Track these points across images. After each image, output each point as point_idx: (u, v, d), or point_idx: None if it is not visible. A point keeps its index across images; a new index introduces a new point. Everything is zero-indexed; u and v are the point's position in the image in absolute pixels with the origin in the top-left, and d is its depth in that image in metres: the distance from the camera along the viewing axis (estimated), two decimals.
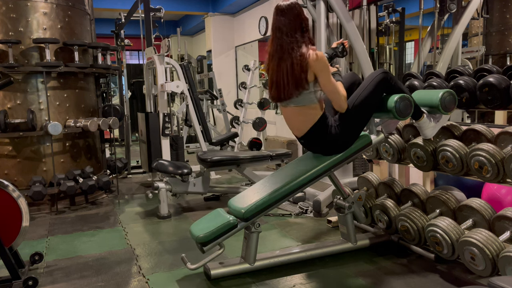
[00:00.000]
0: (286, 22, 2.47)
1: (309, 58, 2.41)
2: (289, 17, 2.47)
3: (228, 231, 2.49)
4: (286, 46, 2.45)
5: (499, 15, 4.75)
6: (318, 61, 2.41)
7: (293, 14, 2.47)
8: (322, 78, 2.45)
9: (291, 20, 2.46)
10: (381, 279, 2.53)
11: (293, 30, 2.46)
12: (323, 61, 2.43)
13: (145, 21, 5.59)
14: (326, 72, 2.46)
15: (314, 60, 2.41)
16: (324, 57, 2.46)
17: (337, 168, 2.69)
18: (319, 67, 2.42)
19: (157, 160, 4.25)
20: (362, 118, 2.63)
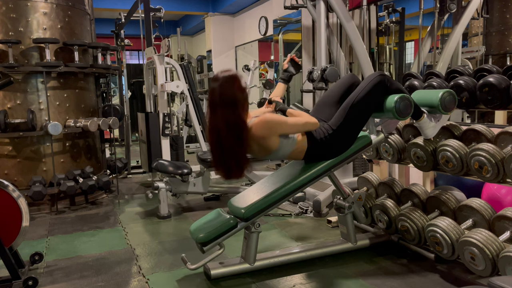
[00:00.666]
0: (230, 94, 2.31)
1: (255, 133, 2.36)
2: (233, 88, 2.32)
3: (228, 231, 2.49)
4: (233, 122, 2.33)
5: (499, 15, 4.75)
6: (264, 130, 2.38)
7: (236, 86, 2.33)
8: (281, 129, 2.43)
9: (236, 93, 2.32)
10: (381, 279, 2.53)
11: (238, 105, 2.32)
12: (267, 127, 2.38)
13: (145, 21, 5.59)
14: (280, 126, 2.42)
15: (260, 134, 2.37)
16: (267, 122, 2.38)
17: (337, 168, 2.69)
18: (272, 131, 2.40)
19: (157, 160, 4.25)
20: (357, 121, 2.61)
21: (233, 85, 2.31)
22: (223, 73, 2.35)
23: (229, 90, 2.30)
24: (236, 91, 2.31)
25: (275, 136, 2.42)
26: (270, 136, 2.41)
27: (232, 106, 2.30)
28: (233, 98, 2.30)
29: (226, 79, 2.32)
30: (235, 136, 2.31)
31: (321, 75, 4.02)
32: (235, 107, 2.30)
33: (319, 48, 4.26)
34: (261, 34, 8.33)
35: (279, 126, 2.41)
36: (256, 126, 2.37)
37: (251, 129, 2.37)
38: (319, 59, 4.25)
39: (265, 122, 2.38)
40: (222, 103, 2.30)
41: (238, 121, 2.31)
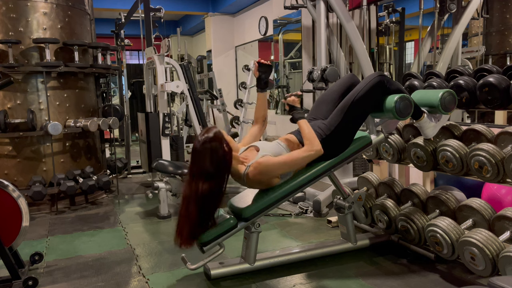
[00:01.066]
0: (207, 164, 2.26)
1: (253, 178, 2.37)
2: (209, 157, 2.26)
3: (228, 231, 2.49)
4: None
5: (499, 15, 4.75)
6: (262, 174, 2.37)
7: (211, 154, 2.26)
8: (280, 171, 2.42)
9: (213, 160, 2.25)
10: (381, 279, 2.53)
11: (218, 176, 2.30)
12: (265, 170, 2.35)
13: (145, 21, 5.59)
14: (279, 169, 2.40)
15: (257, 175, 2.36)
16: (264, 166, 2.35)
17: (337, 168, 2.69)
18: (269, 174, 2.39)
19: (157, 160, 4.24)
20: (355, 121, 2.60)
21: (210, 153, 2.24)
22: (202, 136, 2.27)
23: (203, 160, 2.24)
24: (211, 160, 2.24)
25: (274, 178, 2.44)
26: (268, 180, 2.43)
27: (206, 177, 2.25)
28: (206, 170, 2.24)
29: (203, 146, 2.24)
30: (202, 207, 2.27)
31: (321, 75, 4.02)
32: (208, 178, 2.25)
33: (319, 48, 4.26)
34: (261, 34, 8.33)
35: (277, 169, 2.40)
36: (252, 173, 2.37)
37: (248, 175, 2.38)
38: (319, 59, 4.25)
39: (261, 170, 2.36)
40: (195, 174, 2.27)
41: (210, 192, 2.26)
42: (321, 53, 4.24)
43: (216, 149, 2.25)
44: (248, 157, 2.47)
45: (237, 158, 2.43)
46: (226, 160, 2.29)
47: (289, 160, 2.42)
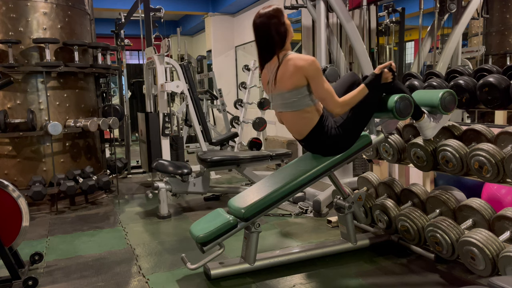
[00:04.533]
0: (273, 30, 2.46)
1: (300, 61, 2.41)
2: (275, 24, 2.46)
3: (228, 231, 2.49)
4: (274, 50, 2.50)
5: (499, 15, 4.75)
6: (310, 65, 2.40)
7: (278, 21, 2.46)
8: (313, 83, 2.43)
9: (278, 27, 2.45)
10: (381, 279, 2.53)
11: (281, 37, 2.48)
12: (314, 65, 2.41)
13: (145, 21, 5.59)
14: (318, 77, 2.42)
15: (306, 64, 2.39)
16: (315, 62, 2.42)
17: (337, 168, 2.69)
18: (311, 70, 2.40)
19: (157, 160, 4.25)
20: (362, 119, 2.61)
21: (272, 23, 2.45)
22: (263, 10, 2.51)
23: (267, 29, 2.46)
24: (275, 30, 2.45)
25: (304, 78, 2.42)
26: (301, 72, 2.41)
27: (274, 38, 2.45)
28: (271, 39, 2.46)
29: (264, 18, 2.47)
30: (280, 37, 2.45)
31: None
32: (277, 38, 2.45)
33: (319, 48, 4.26)
34: None
35: (318, 73, 2.41)
36: (301, 56, 2.45)
37: (294, 57, 2.44)
38: (319, 59, 4.25)
39: (312, 59, 2.41)
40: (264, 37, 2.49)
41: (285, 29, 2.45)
42: (321, 53, 4.24)
43: (276, 21, 2.45)
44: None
45: (288, 44, 2.52)
46: (284, 33, 2.46)
47: (326, 82, 2.44)
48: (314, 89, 2.45)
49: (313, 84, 2.43)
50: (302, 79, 2.42)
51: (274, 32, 2.44)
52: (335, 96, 2.46)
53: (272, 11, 2.47)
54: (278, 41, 2.46)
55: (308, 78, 2.41)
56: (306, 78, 2.42)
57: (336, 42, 4.48)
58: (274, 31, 2.44)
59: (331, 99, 2.44)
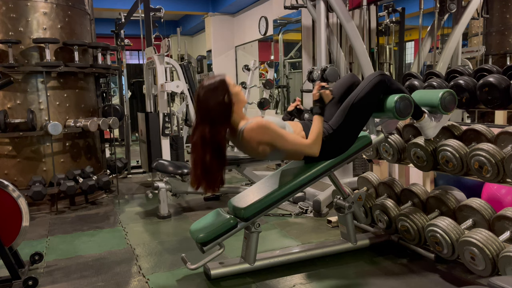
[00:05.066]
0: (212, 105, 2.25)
1: (248, 135, 2.31)
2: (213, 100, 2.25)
3: (228, 231, 2.49)
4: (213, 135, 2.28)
5: (499, 15, 4.75)
6: (258, 134, 2.31)
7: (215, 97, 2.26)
8: (277, 145, 2.36)
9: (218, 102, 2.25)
10: (381, 279, 2.53)
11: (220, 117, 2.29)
12: (263, 131, 2.30)
13: (145, 21, 5.59)
14: (276, 139, 2.34)
15: (254, 136, 2.31)
16: (263, 126, 2.30)
17: (337, 168, 2.69)
18: (265, 138, 2.33)
19: (157, 160, 4.25)
20: (358, 121, 2.60)
21: (213, 97, 2.24)
22: (207, 81, 2.30)
23: (207, 103, 2.25)
24: (215, 104, 2.24)
25: (265, 145, 2.36)
26: (260, 142, 2.34)
27: (209, 122, 2.25)
28: (211, 114, 2.25)
29: (206, 91, 2.26)
30: (210, 153, 2.27)
31: (321, 75, 4.02)
32: (213, 122, 2.25)
33: (319, 48, 4.26)
34: (261, 34, 8.32)
35: (274, 137, 2.34)
36: (250, 129, 2.32)
37: (244, 131, 2.33)
38: (319, 59, 4.25)
39: (260, 129, 2.31)
40: (200, 117, 2.29)
41: (214, 137, 2.26)
42: (321, 53, 4.23)
43: (216, 89, 2.26)
44: (251, 119, 2.46)
45: (239, 111, 2.37)
46: (226, 109, 2.28)
47: (288, 138, 2.38)
48: (281, 149, 2.39)
49: (278, 146, 2.37)
50: (265, 148, 2.36)
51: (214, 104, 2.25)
52: (304, 142, 2.40)
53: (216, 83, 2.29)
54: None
55: (265, 139, 2.33)
56: (265, 141, 2.34)
57: (336, 42, 4.47)
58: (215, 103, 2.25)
59: (303, 149, 2.41)
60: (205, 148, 2.27)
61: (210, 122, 2.26)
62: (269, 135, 2.33)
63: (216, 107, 2.25)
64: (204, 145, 2.27)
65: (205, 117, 2.27)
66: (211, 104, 2.25)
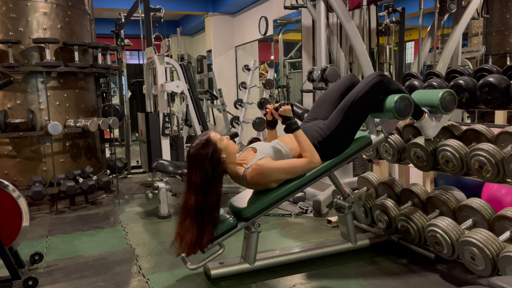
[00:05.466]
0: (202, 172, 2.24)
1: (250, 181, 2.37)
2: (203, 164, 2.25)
3: (228, 231, 2.49)
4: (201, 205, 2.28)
5: (499, 15, 4.75)
6: (258, 177, 2.36)
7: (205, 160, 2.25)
8: (279, 176, 2.41)
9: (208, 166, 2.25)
10: (381, 279, 2.53)
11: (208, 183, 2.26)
12: (261, 173, 2.35)
13: (145, 21, 5.59)
14: (275, 173, 2.39)
15: (256, 180, 2.37)
16: (263, 169, 2.34)
17: (337, 168, 2.69)
18: (264, 177, 2.37)
19: (157, 160, 4.24)
20: (355, 121, 2.60)
21: (199, 165, 2.24)
22: (194, 142, 2.28)
23: (197, 165, 2.24)
24: (200, 172, 2.22)
25: (272, 182, 2.43)
26: (266, 183, 2.43)
27: (195, 190, 2.24)
28: (196, 181, 2.23)
29: (194, 153, 2.25)
30: (194, 219, 2.26)
31: (321, 75, 4.02)
32: (199, 189, 2.24)
33: (319, 48, 4.26)
34: (261, 34, 8.32)
35: (275, 174, 2.40)
36: (251, 175, 2.37)
37: (247, 177, 2.39)
38: (319, 59, 4.25)
39: (260, 172, 2.36)
40: (188, 185, 2.28)
41: (199, 204, 2.24)
42: (321, 53, 4.23)
43: (205, 158, 2.24)
44: (246, 158, 2.47)
45: (235, 160, 2.42)
46: (215, 170, 2.27)
47: (288, 168, 2.43)
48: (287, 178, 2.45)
49: (283, 178, 2.43)
50: (272, 183, 2.43)
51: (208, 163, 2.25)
52: (303, 162, 2.43)
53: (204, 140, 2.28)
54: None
55: (269, 179, 2.40)
56: (270, 181, 2.40)
57: (336, 42, 4.47)
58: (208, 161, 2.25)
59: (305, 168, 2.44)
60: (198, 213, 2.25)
61: (201, 184, 2.23)
62: (270, 175, 2.39)
63: (207, 166, 2.24)
64: (198, 210, 2.25)
65: (195, 180, 2.24)
66: (201, 164, 2.24)
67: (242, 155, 2.52)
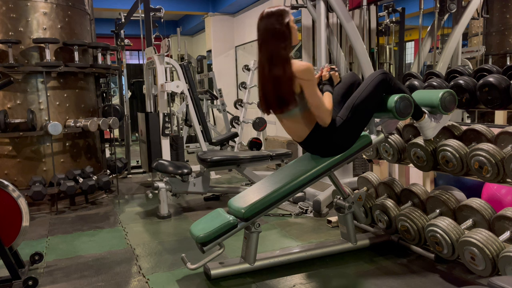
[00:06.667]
0: (276, 28, 2.36)
1: (295, 68, 2.37)
2: (279, 23, 2.36)
3: (228, 231, 2.49)
4: (276, 54, 2.38)
5: (499, 15, 4.75)
6: (304, 71, 2.37)
7: (282, 20, 2.37)
8: (307, 90, 2.41)
9: (281, 27, 2.36)
10: (381, 279, 2.53)
11: (283, 38, 2.37)
12: (309, 72, 2.37)
13: (145, 21, 5.59)
14: (311, 85, 2.40)
15: (300, 71, 2.37)
16: (310, 68, 2.38)
17: (337, 168, 2.69)
18: (305, 77, 2.38)
19: (157, 160, 4.24)
20: (361, 119, 2.61)
21: (276, 20, 2.35)
22: (269, 8, 2.41)
23: (271, 24, 2.36)
24: (277, 25, 2.35)
25: (302, 83, 2.39)
26: (299, 80, 2.38)
27: (274, 39, 2.36)
28: (275, 32, 2.35)
29: (269, 15, 2.38)
30: (278, 69, 2.36)
31: None
32: (278, 40, 2.35)
33: (319, 48, 4.26)
34: None
35: (311, 82, 2.40)
36: (299, 63, 2.40)
37: (296, 63, 2.40)
38: (319, 59, 4.25)
39: (307, 67, 2.38)
40: (265, 37, 2.40)
41: (280, 54, 2.35)
42: (321, 53, 4.24)
43: (278, 14, 2.37)
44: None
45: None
46: (287, 24, 2.36)
47: (318, 90, 2.44)
48: (307, 96, 2.42)
49: (306, 91, 2.41)
50: (299, 86, 2.41)
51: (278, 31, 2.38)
52: (324, 101, 2.45)
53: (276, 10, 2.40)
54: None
55: (301, 84, 2.39)
56: (300, 85, 2.40)
57: (336, 42, 4.48)
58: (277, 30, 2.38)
59: (322, 107, 2.44)
60: (273, 64, 2.37)
61: (276, 39, 2.36)
62: (310, 76, 2.39)
63: (279, 27, 2.35)
64: (272, 61, 2.37)
65: (268, 38, 2.38)
66: (274, 24, 2.36)
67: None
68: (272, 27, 2.37)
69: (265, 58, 2.41)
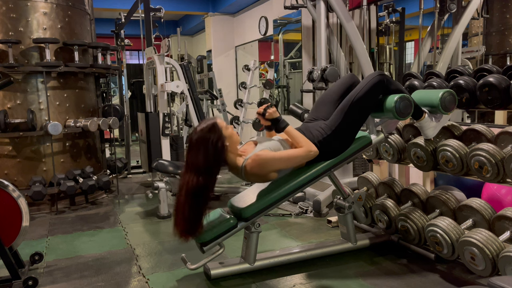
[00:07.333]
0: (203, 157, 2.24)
1: (248, 169, 2.34)
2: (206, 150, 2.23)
3: (228, 231, 2.49)
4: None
5: (499, 15, 4.74)
6: (259, 166, 2.33)
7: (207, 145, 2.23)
8: (278, 166, 2.39)
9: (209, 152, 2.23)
10: (381, 279, 2.53)
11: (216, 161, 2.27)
12: (261, 163, 2.33)
13: (145, 21, 5.59)
14: (276, 163, 2.37)
15: (255, 167, 2.33)
16: (261, 159, 2.32)
17: (337, 168, 2.69)
18: (266, 168, 2.36)
19: (157, 160, 4.24)
20: (356, 120, 2.60)
21: (206, 142, 2.23)
22: (200, 126, 2.28)
23: (199, 149, 2.24)
24: (203, 155, 2.22)
25: (272, 173, 2.40)
26: (266, 174, 2.39)
27: (196, 171, 2.23)
28: (198, 163, 2.23)
29: (199, 136, 2.24)
30: (191, 201, 2.24)
31: (321, 75, 4.02)
32: (199, 172, 2.23)
33: (319, 48, 4.26)
34: (261, 34, 8.32)
35: (275, 164, 2.38)
36: (250, 166, 2.35)
37: (246, 168, 2.36)
38: (319, 59, 4.25)
39: (259, 163, 2.34)
40: (191, 162, 2.26)
41: (198, 187, 2.23)
42: (321, 53, 4.23)
43: (210, 142, 2.23)
44: (246, 150, 2.46)
45: (236, 151, 2.41)
46: (218, 155, 2.26)
47: (286, 157, 2.42)
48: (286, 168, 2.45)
49: (282, 168, 2.41)
50: (272, 174, 2.40)
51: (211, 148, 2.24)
52: (301, 151, 2.43)
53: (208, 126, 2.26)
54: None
55: (269, 169, 2.37)
56: (269, 171, 2.38)
57: (336, 42, 4.47)
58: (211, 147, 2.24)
59: (303, 156, 2.44)
60: (189, 196, 2.23)
61: (203, 167, 2.23)
62: (269, 165, 2.36)
63: (211, 150, 2.23)
64: (189, 193, 2.23)
65: (196, 162, 2.24)
66: (205, 148, 2.23)
67: (243, 148, 2.51)
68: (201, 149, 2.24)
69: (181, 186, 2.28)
